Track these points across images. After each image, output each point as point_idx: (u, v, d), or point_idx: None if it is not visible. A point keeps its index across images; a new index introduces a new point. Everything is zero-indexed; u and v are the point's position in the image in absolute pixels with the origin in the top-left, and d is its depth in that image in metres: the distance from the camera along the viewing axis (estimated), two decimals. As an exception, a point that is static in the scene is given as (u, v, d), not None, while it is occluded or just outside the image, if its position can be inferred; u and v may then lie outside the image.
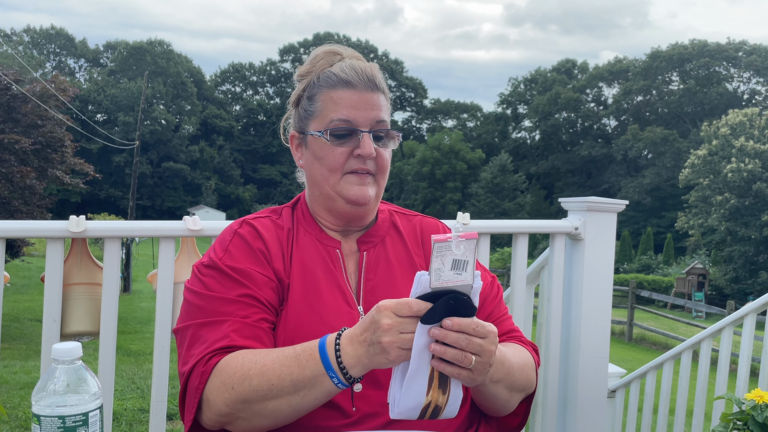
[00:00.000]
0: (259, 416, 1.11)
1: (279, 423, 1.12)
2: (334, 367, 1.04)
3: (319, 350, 1.06)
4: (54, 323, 2.04)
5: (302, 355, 1.07)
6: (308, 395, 1.07)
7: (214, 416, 1.13)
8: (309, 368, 1.06)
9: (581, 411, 2.53)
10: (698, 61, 50.24)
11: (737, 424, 1.42)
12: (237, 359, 1.12)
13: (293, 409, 1.09)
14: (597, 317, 2.53)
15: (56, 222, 2.03)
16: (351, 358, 1.04)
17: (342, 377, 1.04)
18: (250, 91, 67.65)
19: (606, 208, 2.53)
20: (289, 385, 1.07)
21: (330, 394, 1.08)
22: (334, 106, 1.29)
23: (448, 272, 0.99)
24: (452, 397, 1.04)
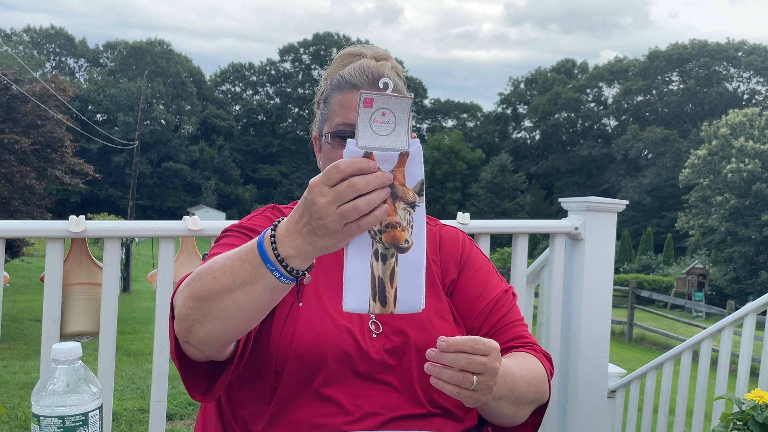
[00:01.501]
0: (209, 316, 1.05)
1: (229, 328, 1.05)
2: (273, 260, 0.96)
3: (257, 245, 0.98)
4: (54, 323, 2.04)
5: (244, 250, 1.01)
6: (252, 291, 1.00)
7: (178, 322, 1.09)
8: (249, 262, 0.98)
9: (581, 411, 2.53)
10: (698, 60, 50.26)
11: (737, 424, 1.42)
12: (202, 265, 1.10)
13: (238, 307, 1.02)
14: (597, 317, 2.53)
15: (56, 222, 2.03)
16: (289, 248, 0.95)
17: (283, 270, 0.96)
18: (250, 91, 67.65)
19: (606, 208, 2.53)
20: (230, 279, 1.00)
21: (276, 290, 0.99)
22: (340, 109, 1.30)
23: (378, 135, 0.91)
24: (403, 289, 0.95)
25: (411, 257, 0.94)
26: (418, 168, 0.94)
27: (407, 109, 0.91)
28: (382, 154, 0.92)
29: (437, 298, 1.33)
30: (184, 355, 1.15)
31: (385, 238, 0.93)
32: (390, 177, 0.92)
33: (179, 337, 1.11)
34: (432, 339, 1.25)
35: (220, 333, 1.06)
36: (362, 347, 1.22)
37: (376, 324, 1.26)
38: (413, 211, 0.94)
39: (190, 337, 1.08)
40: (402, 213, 0.93)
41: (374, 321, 1.27)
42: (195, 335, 1.07)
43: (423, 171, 0.95)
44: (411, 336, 1.25)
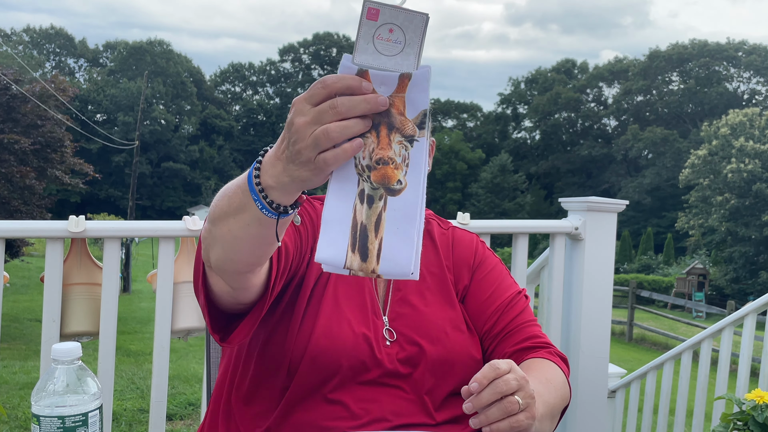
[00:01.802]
0: (215, 242, 1.01)
1: (231, 257, 1.01)
2: (255, 188, 0.88)
3: (249, 169, 0.91)
4: (53, 323, 2.04)
5: (240, 178, 0.94)
6: (241, 219, 0.93)
7: (202, 244, 1.07)
8: (241, 188, 0.92)
9: (581, 411, 2.53)
10: (698, 60, 50.25)
11: (737, 424, 1.42)
12: None
13: (233, 236, 0.96)
14: (597, 317, 2.53)
15: (56, 222, 2.04)
16: (269, 177, 0.85)
17: (263, 201, 0.88)
18: (249, 91, 67.65)
19: (606, 208, 2.53)
20: (227, 205, 0.95)
21: (262, 223, 0.91)
22: None
23: (381, 54, 0.76)
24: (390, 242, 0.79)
25: (403, 202, 0.79)
26: (422, 95, 0.79)
27: (421, 29, 0.77)
28: (380, 75, 0.78)
29: (451, 306, 1.31)
30: (208, 291, 1.12)
31: (374, 176, 0.79)
32: (384, 101, 0.78)
33: (204, 261, 1.08)
34: (447, 351, 1.24)
35: (225, 260, 1.02)
36: (377, 356, 1.20)
37: (390, 332, 1.24)
38: (411, 146, 0.79)
39: (210, 260, 1.05)
40: (397, 147, 0.79)
41: (388, 329, 1.25)
42: (211, 259, 1.05)
43: (428, 100, 0.79)
44: (425, 348, 1.23)
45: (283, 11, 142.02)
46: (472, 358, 1.26)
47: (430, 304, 1.29)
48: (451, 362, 1.24)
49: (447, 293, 1.32)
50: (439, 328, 1.26)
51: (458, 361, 1.24)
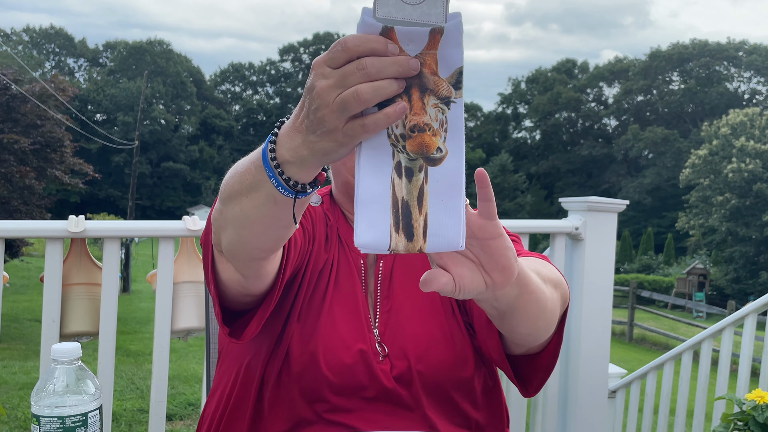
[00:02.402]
0: (226, 223, 0.94)
1: (243, 239, 0.94)
2: (269, 162, 0.79)
3: (263, 146, 0.83)
4: (53, 323, 2.04)
5: (254, 154, 0.86)
6: (255, 198, 0.85)
7: (213, 227, 1.01)
8: (254, 164, 0.84)
9: (582, 411, 2.53)
10: (699, 60, 50.26)
11: (738, 424, 1.42)
12: None
13: (246, 216, 0.89)
14: (597, 317, 2.53)
15: (55, 222, 2.03)
16: (286, 151, 0.77)
17: (279, 177, 0.79)
18: (249, 91, 67.68)
19: (606, 208, 2.53)
20: (239, 183, 0.87)
21: (276, 202, 0.83)
22: None
23: (405, 4, 0.67)
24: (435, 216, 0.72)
25: (445, 171, 0.71)
26: (456, 50, 0.70)
27: None
28: (407, 31, 0.68)
29: (444, 311, 1.23)
30: (217, 281, 1.08)
31: (410, 145, 0.70)
32: (416, 64, 0.69)
33: (214, 245, 1.02)
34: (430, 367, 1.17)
35: (237, 244, 0.95)
36: (373, 373, 1.15)
37: (382, 346, 1.19)
38: (448, 109, 0.71)
39: (222, 244, 0.99)
40: (433, 112, 0.70)
41: (380, 343, 1.19)
42: (223, 243, 0.98)
43: (462, 56, 0.71)
44: (413, 365, 1.17)
45: (283, 11, 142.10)
46: (458, 377, 1.18)
47: (420, 314, 1.21)
48: (437, 380, 1.17)
49: (437, 296, 1.23)
50: (426, 341, 1.19)
51: (445, 379, 1.18)
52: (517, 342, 1.09)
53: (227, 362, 1.26)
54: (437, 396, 1.18)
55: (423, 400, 1.17)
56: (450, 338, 1.20)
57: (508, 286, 0.83)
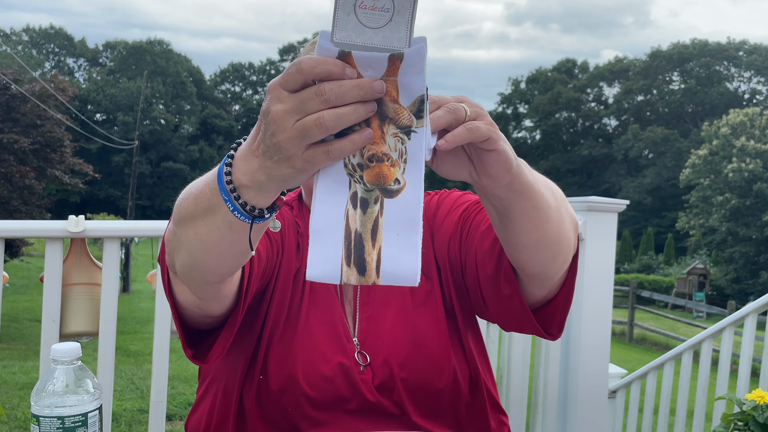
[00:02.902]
0: (179, 246, 0.90)
1: (197, 263, 0.90)
2: (226, 187, 0.75)
3: (219, 165, 0.78)
4: (53, 323, 2.04)
5: (210, 174, 0.82)
6: (210, 222, 0.81)
7: (166, 248, 0.97)
8: (210, 187, 0.79)
9: (582, 411, 2.53)
10: (699, 60, 50.26)
11: (738, 424, 1.42)
12: None
13: (200, 239, 0.84)
14: (597, 317, 2.53)
15: (55, 222, 2.03)
16: (242, 175, 0.73)
17: (235, 202, 0.76)
18: (249, 91, 67.67)
19: (606, 207, 2.53)
20: (193, 205, 0.83)
21: (232, 227, 0.80)
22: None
23: (366, 28, 0.64)
24: (389, 251, 0.69)
25: (403, 204, 0.68)
26: (417, 78, 0.67)
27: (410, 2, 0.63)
28: (366, 56, 0.65)
29: (427, 310, 1.19)
30: (175, 301, 1.03)
31: (368, 175, 0.68)
32: (381, 86, 0.65)
33: (168, 266, 0.98)
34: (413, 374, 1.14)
35: (190, 266, 0.91)
36: (354, 385, 1.13)
37: (363, 355, 1.15)
38: (408, 138, 0.68)
39: (175, 267, 0.95)
40: (392, 141, 0.67)
41: (360, 352, 1.15)
42: (177, 265, 0.94)
43: (425, 82, 0.68)
44: (395, 372, 1.14)
45: (283, 11, 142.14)
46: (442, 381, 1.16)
47: (402, 319, 1.17)
48: (421, 385, 1.15)
49: (419, 294, 1.20)
50: (408, 346, 1.15)
51: (428, 383, 1.15)
52: (525, 265, 1.01)
53: (207, 379, 1.23)
54: (422, 401, 1.16)
55: (408, 406, 1.14)
56: (434, 341, 1.17)
57: (495, 190, 0.84)
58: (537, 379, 2.60)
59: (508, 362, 2.52)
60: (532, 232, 0.92)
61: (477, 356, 1.23)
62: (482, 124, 0.76)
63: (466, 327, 1.23)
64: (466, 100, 0.79)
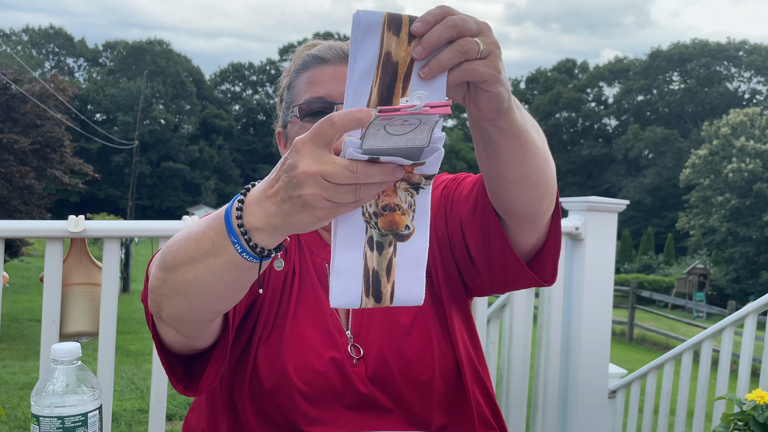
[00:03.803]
0: (173, 292, 0.91)
1: (195, 306, 0.92)
2: (235, 230, 0.79)
3: (225, 210, 0.82)
4: (53, 323, 2.04)
5: (214, 215, 0.85)
6: (214, 265, 0.84)
7: (150, 296, 0.97)
8: (214, 230, 0.83)
9: (582, 411, 2.52)
10: (699, 60, 50.27)
11: (738, 424, 1.42)
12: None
13: (201, 282, 0.87)
14: (597, 317, 2.53)
15: (55, 222, 2.03)
16: (255, 219, 0.77)
17: (245, 244, 0.79)
18: (249, 91, 67.67)
19: (607, 207, 2.53)
20: (194, 248, 0.86)
21: (239, 267, 0.83)
22: (308, 86, 1.19)
23: (392, 136, 0.70)
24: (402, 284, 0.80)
25: (412, 247, 0.79)
26: (432, 166, 0.77)
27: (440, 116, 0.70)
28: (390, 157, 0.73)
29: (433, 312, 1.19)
30: (166, 348, 1.05)
31: (382, 222, 0.77)
32: (400, 173, 0.74)
33: (152, 313, 0.99)
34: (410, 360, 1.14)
35: (186, 311, 0.93)
36: (347, 378, 1.13)
37: (356, 348, 1.16)
38: (416, 193, 0.78)
39: (162, 313, 0.96)
40: (403, 195, 0.78)
41: (354, 345, 1.16)
42: (165, 311, 0.95)
43: (437, 168, 0.79)
44: (390, 362, 1.14)
45: (283, 11, 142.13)
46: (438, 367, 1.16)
47: (392, 308, 1.16)
48: (416, 372, 1.15)
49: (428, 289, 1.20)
50: (403, 335, 1.16)
51: (424, 370, 1.15)
52: (513, 204, 1.02)
53: None
54: (420, 389, 1.16)
55: (406, 395, 1.14)
56: (427, 328, 1.17)
57: (482, 122, 0.85)
58: (537, 379, 2.60)
59: (508, 362, 2.52)
60: (517, 168, 0.94)
61: (464, 339, 1.22)
62: (482, 66, 0.76)
63: (451, 308, 1.22)
64: (484, 29, 0.78)
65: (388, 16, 0.72)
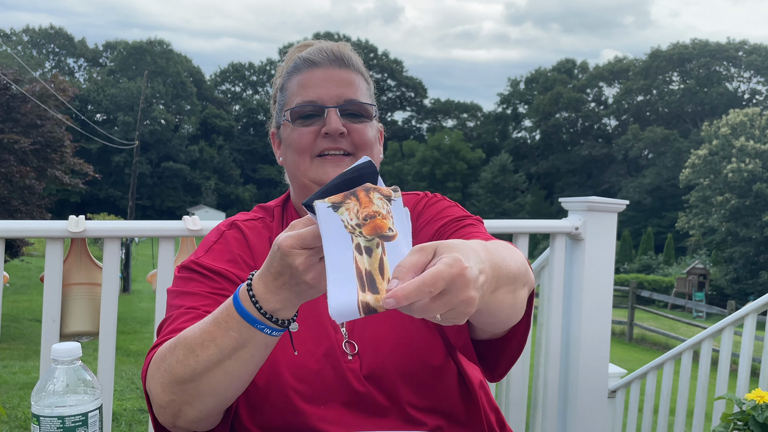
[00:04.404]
0: (201, 395, 0.98)
1: (226, 397, 1.00)
2: (260, 319, 0.91)
3: (235, 308, 0.92)
4: (53, 323, 2.04)
5: (220, 318, 0.94)
6: (244, 356, 0.94)
7: (161, 410, 1.01)
8: (233, 329, 0.92)
9: (582, 411, 2.53)
10: (699, 60, 50.27)
11: (738, 424, 1.42)
12: (168, 342, 1.01)
13: (232, 376, 0.96)
14: (597, 317, 2.53)
15: (56, 222, 2.03)
16: (274, 303, 0.90)
17: (273, 324, 0.92)
18: (249, 91, 67.68)
19: (606, 208, 2.53)
20: (216, 351, 0.94)
21: (268, 346, 0.95)
22: (300, 88, 1.22)
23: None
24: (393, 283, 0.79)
25: (398, 245, 0.81)
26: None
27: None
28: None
29: None
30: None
31: (366, 230, 0.81)
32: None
33: (165, 425, 1.04)
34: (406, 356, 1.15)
35: (214, 406, 1.01)
36: (341, 374, 1.14)
37: (351, 344, 1.16)
38: (389, 203, 0.84)
39: (179, 421, 1.02)
40: (379, 203, 0.83)
41: (348, 341, 1.16)
42: (185, 418, 1.01)
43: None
44: (387, 357, 1.15)
45: (283, 11, 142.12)
46: (432, 364, 1.16)
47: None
48: (413, 369, 1.15)
49: None
50: (400, 330, 1.16)
51: (420, 366, 1.16)
52: (479, 328, 1.11)
53: None
54: (416, 385, 1.16)
55: (401, 391, 1.14)
56: (422, 325, 1.18)
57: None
58: (537, 379, 2.60)
59: (508, 362, 2.52)
60: (491, 320, 1.02)
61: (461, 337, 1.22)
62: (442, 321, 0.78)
63: None
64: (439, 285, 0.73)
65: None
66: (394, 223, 0.82)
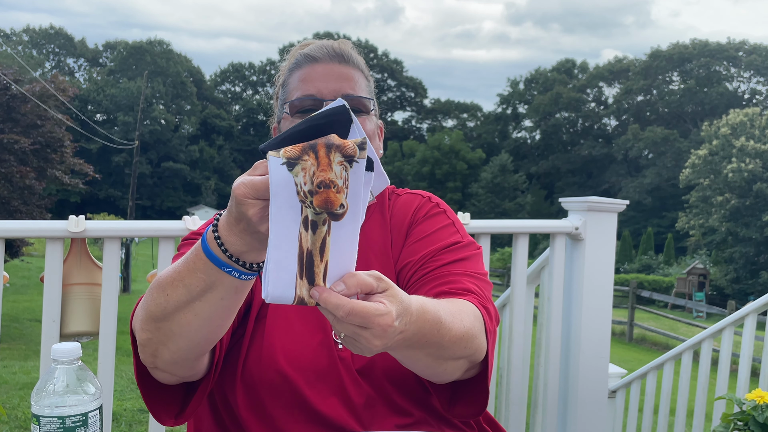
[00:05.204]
0: (173, 335, 0.97)
1: (198, 340, 0.98)
2: (226, 261, 0.87)
3: (203, 250, 0.89)
4: (53, 323, 2.04)
5: (189, 259, 0.92)
6: (212, 298, 0.92)
7: (142, 348, 1.03)
8: (200, 269, 0.90)
9: (582, 411, 2.53)
10: (699, 60, 50.26)
11: (738, 424, 1.42)
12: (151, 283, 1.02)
13: (202, 318, 0.94)
14: (597, 317, 2.53)
15: (55, 222, 2.03)
16: (239, 246, 0.86)
17: (240, 268, 0.88)
18: (249, 91, 67.64)
19: (606, 208, 2.53)
20: (185, 292, 0.92)
21: (239, 290, 0.92)
22: (300, 83, 1.25)
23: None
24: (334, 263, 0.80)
25: (345, 225, 0.78)
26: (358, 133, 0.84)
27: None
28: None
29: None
30: (152, 381, 1.09)
31: (317, 200, 0.76)
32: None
33: (146, 364, 1.05)
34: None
35: (187, 349, 0.99)
36: (334, 362, 1.16)
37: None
38: (350, 167, 0.77)
39: (158, 361, 1.02)
40: (338, 169, 0.76)
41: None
42: (162, 358, 1.01)
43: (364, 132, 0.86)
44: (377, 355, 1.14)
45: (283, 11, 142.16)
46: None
47: None
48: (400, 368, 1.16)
49: (390, 274, 1.22)
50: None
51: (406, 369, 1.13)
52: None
53: None
54: (401, 382, 1.17)
55: (387, 388, 1.17)
56: None
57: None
58: (537, 379, 2.60)
59: (508, 362, 2.53)
60: (431, 374, 1.06)
61: None
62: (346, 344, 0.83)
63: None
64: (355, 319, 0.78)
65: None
66: (348, 196, 0.77)
